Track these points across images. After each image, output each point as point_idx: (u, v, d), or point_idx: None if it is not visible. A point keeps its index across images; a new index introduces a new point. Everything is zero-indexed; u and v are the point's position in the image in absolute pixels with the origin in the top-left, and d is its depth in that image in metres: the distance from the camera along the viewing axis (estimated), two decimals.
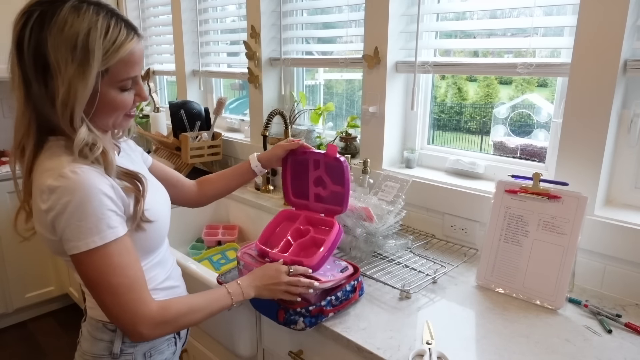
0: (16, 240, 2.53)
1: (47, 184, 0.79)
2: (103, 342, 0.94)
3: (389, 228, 1.36)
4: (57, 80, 0.79)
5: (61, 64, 0.78)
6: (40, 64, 0.79)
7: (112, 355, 0.93)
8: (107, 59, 0.81)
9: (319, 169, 1.23)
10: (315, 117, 2.04)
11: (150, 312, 0.84)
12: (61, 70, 0.78)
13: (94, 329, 0.95)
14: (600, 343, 1.02)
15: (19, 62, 0.80)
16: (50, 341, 2.58)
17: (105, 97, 0.84)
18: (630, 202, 1.28)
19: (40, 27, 0.78)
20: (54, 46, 0.77)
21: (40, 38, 0.78)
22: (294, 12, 2.07)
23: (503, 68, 1.44)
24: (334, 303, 1.09)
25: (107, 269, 0.81)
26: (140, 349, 0.96)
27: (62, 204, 0.78)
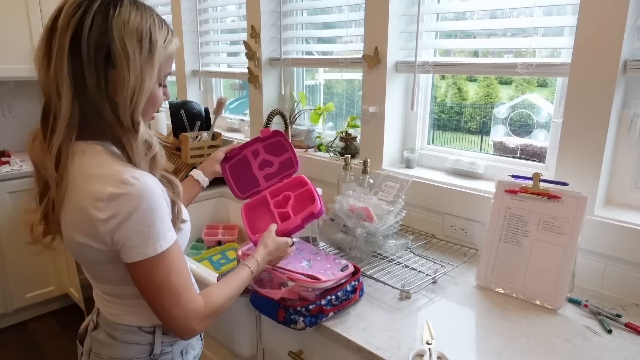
0: (16, 240, 2.55)
1: (108, 192, 0.76)
2: (139, 345, 0.92)
3: (389, 228, 1.36)
4: (122, 70, 0.77)
5: (129, 52, 0.77)
6: (102, 53, 0.76)
7: (153, 356, 0.93)
8: (165, 51, 0.83)
9: (259, 155, 1.30)
10: (315, 117, 2.04)
11: (199, 308, 0.86)
12: (129, 59, 0.77)
13: (125, 334, 0.92)
14: (600, 343, 1.02)
15: (70, 54, 0.76)
16: (50, 341, 2.58)
17: (152, 92, 0.84)
18: (630, 202, 1.28)
19: (104, 16, 0.76)
20: (121, 35, 0.76)
21: (104, 27, 0.76)
22: (294, 12, 2.07)
23: (503, 68, 1.44)
24: (334, 303, 1.09)
25: (169, 272, 0.82)
26: (177, 347, 0.97)
27: (127, 211, 0.76)
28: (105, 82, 0.78)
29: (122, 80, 0.77)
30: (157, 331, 0.93)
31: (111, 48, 0.76)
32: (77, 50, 0.76)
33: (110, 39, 0.76)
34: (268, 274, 1.11)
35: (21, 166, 2.61)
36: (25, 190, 2.56)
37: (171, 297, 0.83)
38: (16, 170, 2.54)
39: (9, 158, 2.74)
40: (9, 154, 2.81)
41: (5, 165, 2.62)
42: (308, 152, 2.01)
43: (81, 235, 0.81)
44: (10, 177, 2.50)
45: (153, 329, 0.93)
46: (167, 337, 0.95)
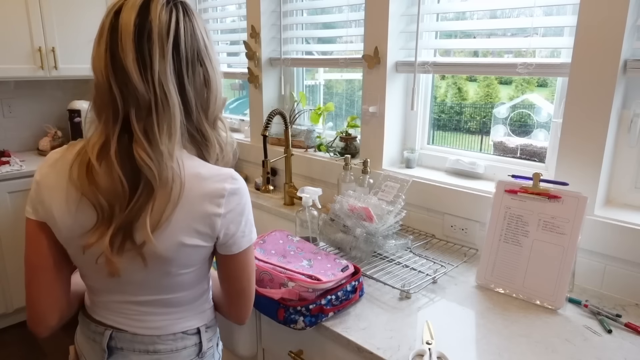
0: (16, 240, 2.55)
1: (228, 188, 0.81)
2: (187, 349, 0.92)
3: (389, 228, 1.36)
4: (208, 70, 0.82)
5: (210, 53, 0.82)
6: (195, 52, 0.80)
7: (201, 354, 0.94)
8: None
9: None
10: (315, 117, 2.04)
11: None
12: (211, 59, 0.83)
13: (171, 342, 0.90)
14: (600, 343, 1.02)
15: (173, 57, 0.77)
16: (50, 341, 2.58)
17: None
18: (630, 202, 1.28)
19: (189, 18, 0.80)
20: (203, 36, 0.81)
21: (191, 26, 0.80)
22: (294, 12, 2.07)
23: (503, 68, 1.44)
24: (334, 302, 1.09)
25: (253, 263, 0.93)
26: (214, 340, 1.00)
27: (242, 204, 0.85)
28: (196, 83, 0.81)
29: (210, 80, 0.83)
30: (201, 330, 0.94)
31: (199, 50, 0.81)
32: (178, 54, 0.78)
33: (198, 39, 0.81)
34: (268, 274, 1.11)
35: (21, 166, 2.61)
36: (25, 190, 2.56)
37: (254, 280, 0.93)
38: (16, 170, 2.54)
39: (9, 158, 2.74)
40: (9, 154, 2.81)
41: (5, 165, 2.62)
42: (308, 152, 2.01)
43: (192, 236, 0.81)
44: (10, 177, 2.50)
45: (197, 330, 0.93)
46: (207, 334, 0.96)
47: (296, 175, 1.98)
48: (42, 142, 2.95)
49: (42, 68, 2.66)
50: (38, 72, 2.67)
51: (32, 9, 2.58)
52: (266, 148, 1.81)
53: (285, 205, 1.93)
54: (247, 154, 2.28)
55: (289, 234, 1.32)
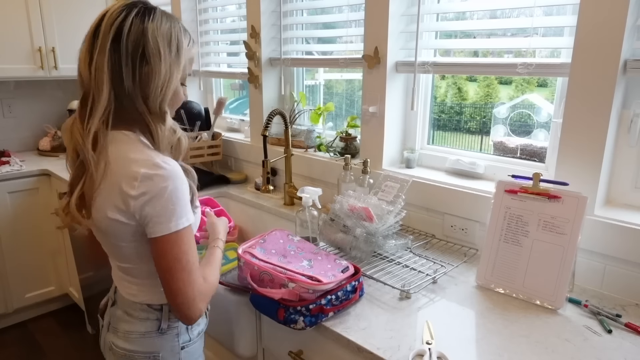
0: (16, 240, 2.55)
1: (142, 172, 0.88)
2: (150, 321, 1.03)
3: (389, 228, 1.36)
4: (154, 66, 0.90)
5: (161, 51, 0.91)
6: (138, 51, 0.89)
7: (160, 330, 1.03)
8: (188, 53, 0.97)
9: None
10: (315, 117, 2.04)
11: (204, 287, 0.96)
12: (161, 57, 0.91)
13: (137, 311, 1.03)
14: (600, 343, 1.02)
15: (111, 51, 0.88)
16: (50, 341, 2.58)
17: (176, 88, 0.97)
18: (630, 202, 1.28)
19: (141, 20, 0.90)
20: (154, 36, 0.90)
21: (140, 29, 0.90)
22: (294, 12, 2.07)
23: (503, 68, 1.44)
24: (334, 302, 1.09)
25: (187, 249, 0.93)
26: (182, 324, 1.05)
27: (159, 189, 0.88)
28: (139, 75, 0.90)
29: (154, 74, 0.91)
30: (164, 308, 1.03)
31: (146, 47, 0.90)
32: (117, 49, 0.89)
33: (146, 40, 0.90)
34: (269, 274, 1.11)
35: (21, 166, 2.61)
36: (25, 190, 2.56)
37: (185, 273, 0.92)
38: (16, 170, 2.54)
39: (9, 158, 2.74)
40: (9, 154, 2.81)
41: (5, 165, 2.62)
42: (308, 152, 2.01)
43: (113, 211, 0.91)
44: (10, 177, 2.50)
45: (161, 307, 1.03)
46: (173, 314, 1.03)
47: (296, 175, 1.98)
48: (42, 142, 2.95)
49: (42, 68, 2.66)
50: (38, 72, 2.67)
51: (32, 9, 2.58)
52: (266, 148, 1.81)
53: (285, 205, 1.93)
54: (247, 154, 2.28)
55: (290, 234, 1.32)
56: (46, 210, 2.64)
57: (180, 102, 1.01)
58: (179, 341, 1.05)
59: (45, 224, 2.66)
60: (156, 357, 1.03)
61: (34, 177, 2.58)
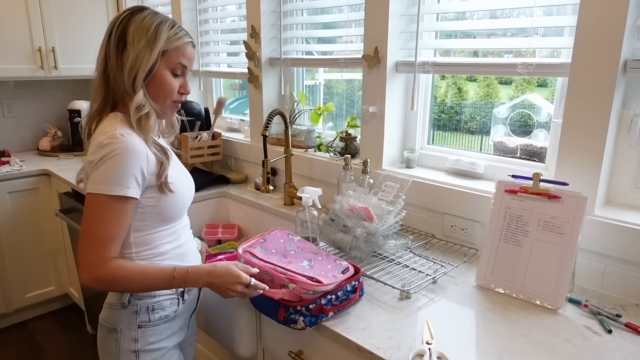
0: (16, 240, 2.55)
1: (99, 141, 0.99)
2: (115, 294, 1.10)
3: (389, 228, 1.36)
4: (129, 51, 1.03)
5: (135, 39, 1.03)
6: (121, 42, 1.04)
7: (122, 304, 1.09)
8: (169, 43, 1.06)
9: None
10: (315, 117, 2.04)
11: (99, 264, 0.99)
12: (134, 44, 1.03)
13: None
14: (600, 343, 1.02)
15: (106, 46, 1.05)
16: (50, 341, 2.58)
17: (160, 74, 1.06)
18: (630, 202, 1.28)
19: (127, 19, 1.05)
20: (134, 29, 1.04)
21: (126, 25, 1.04)
22: (294, 12, 2.07)
23: (503, 68, 1.44)
24: (334, 302, 1.09)
25: (97, 216, 0.99)
26: (144, 302, 1.09)
27: (104, 156, 0.97)
28: (120, 61, 1.04)
29: (128, 57, 1.03)
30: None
31: (126, 38, 1.04)
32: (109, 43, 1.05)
33: (127, 32, 1.04)
34: (269, 275, 1.11)
35: (21, 166, 2.61)
36: (25, 190, 2.56)
37: (85, 237, 0.99)
38: (16, 170, 2.54)
39: (9, 158, 2.74)
40: (9, 154, 2.81)
41: (5, 165, 2.62)
42: (308, 152, 2.01)
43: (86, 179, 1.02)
44: (10, 177, 2.50)
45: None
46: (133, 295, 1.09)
47: (296, 175, 1.98)
48: (42, 142, 2.95)
49: (42, 68, 2.66)
50: (38, 72, 2.67)
51: (32, 9, 2.58)
52: (266, 148, 1.81)
53: (285, 205, 1.93)
54: (247, 154, 2.28)
55: (290, 233, 1.32)
56: (46, 210, 2.64)
57: (168, 92, 1.09)
58: (138, 319, 1.09)
59: (45, 224, 2.66)
60: (116, 329, 1.09)
61: (34, 177, 2.58)
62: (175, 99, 1.12)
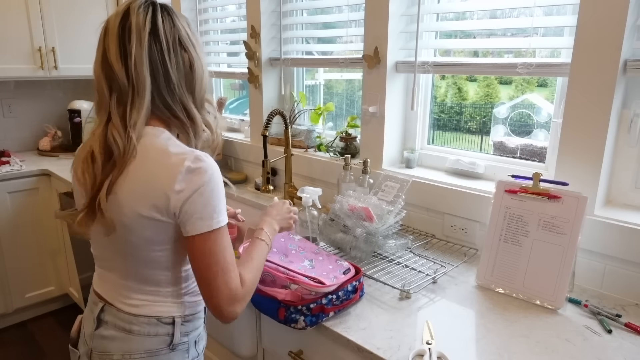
0: (16, 240, 2.55)
1: (185, 166, 0.85)
2: (159, 337, 0.95)
3: (389, 228, 1.36)
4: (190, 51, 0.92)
5: (192, 38, 0.94)
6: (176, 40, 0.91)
7: (172, 346, 0.96)
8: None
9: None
10: (315, 117, 2.04)
11: (239, 289, 0.90)
12: (193, 43, 0.93)
13: (145, 326, 0.95)
14: (600, 343, 1.02)
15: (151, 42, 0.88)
16: (50, 341, 2.58)
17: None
18: (630, 202, 1.28)
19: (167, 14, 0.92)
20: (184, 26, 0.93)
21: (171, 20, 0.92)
22: (294, 12, 2.07)
23: (503, 68, 1.44)
24: (335, 302, 1.09)
25: (225, 247, 0.90)
26: (192, 337, 1.00)
27: (201, 183, 0.86)
28: (182, 64, 0.92)
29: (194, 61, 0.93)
30: (176, 322, 0.96)
31: (181, 37, 0.92)
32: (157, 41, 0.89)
33: (178, 30, 0.92)
34: (270, 275, 1.11)
35: (21, 166, 2.61)
36: (25, 190, 2.56)
37: (224, 272, 0.88)
38: (16, 170, 2.54)
39: (9, 158, 2.74)
40: (9, 154, 2.81)
41: (5, 165, 2.62)
42: (308, 152, 2.01)
43: (147, 207, 0.87)
44: (10, 177, 2.50)
45: (172, 319, 0.96)
46: (184, 328, 0.98)
47: (296, 175, 1.98)
48: (42, 142, 2.95)
49: (42, 68, 2.66)
50: (38, 72, 2.67)
51: (32, 8, 2.58)
52: (266, 148, 1.81)
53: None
54: (247, 154, 2.28)
55: (290, 232, 1.32)
56: (46, 210, 2.64)
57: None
58: (189, 356, 1.00)
59: (45, 224, 2.66)
60: None
61: (34, 177, 2.58)
62: None
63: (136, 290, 0.95)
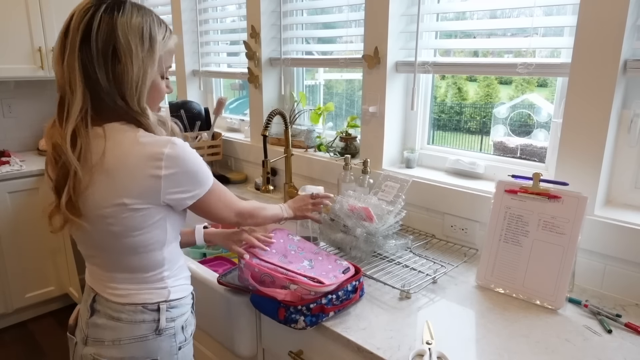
0: (16, 240, 2.55)
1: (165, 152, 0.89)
2: (146, 323, 0.99)
3: (389, 228, 1.36)
4: (126, 64, 0.88)
5: (133, 48, 0.88)
6: (109, 49, 0.87)
7: (158, 331, 1.00)
8: (163, 47, 0.94)
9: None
10: (315, 117, 2.04)
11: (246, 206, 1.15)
12: (132, 54, 0.88)
13: (132, 314, 0.98)
14: (600, 343, 1.02)
15: (81, 50, 0.86)
16: (50, 341, 2.58)
17: (154, 82, 0.95)
18: (630, 202, 1.28)
19: (110, 17, 0.87)
20: (124, 33, 0.87)
21: (110, 26, 0.87)
22: (294, 12, 2.07)
23: (503, 68, 1.44)
24: (335, 302, 1.09)
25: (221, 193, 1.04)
26: (178, 322, 1.03)
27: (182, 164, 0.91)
28: (113, 73, 0.88)
29: (127, 72, 0.88)
30: (161, 308, 1.00)
31: (117, 45, 0.87)
32: (88, 48, 0.86)
33: (116, 37, 0.87)
34: (269, 276, 1.11)
35: (21, 166, 2.61)
36: (25, 190, 2.56)
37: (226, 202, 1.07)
38: (16, 170, 2.54)
39: (9, 158, 2.74)
40: (9, 154, 2.81)
41: (5, 165, 2.62)
42: (308, 152, 2.01)
43: (132, 197, 0.90)
44: (10, 177, 2.50)
45: (157, 306, 1.00)
46: (169, 314, 1.01)
47: (296, 175, 1.98)
48: (42, 142, 2.95)
49: (42, 68, 2.66)
50: (38, 72, 2.67)
51: (32, 9, 2.58)
52: (266, 148, 1.81)
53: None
54: (247, 154, 2.28)
55: (290, 233, 1.32)
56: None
57: (162, 96, 1.01)
58: (176, 341, 1.03)
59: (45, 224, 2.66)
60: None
61: (34, 177, 2.58)
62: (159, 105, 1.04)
63: (120, 281, 0.99)
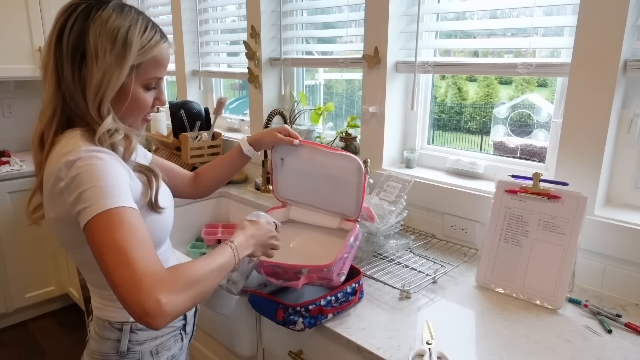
0: (16, 240, 2.55)
1: (65, 160, 0.79)
2: (110, 341, 0.93)
3: (390, 228, 1.36)
4: (92, 68, 0.83)
5: (99, 52, 0.82)
6: (79, 51, 0.83)
7: (120, 353, 0.93)
8: (142, 55, 0.86)
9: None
10: (315, 117, 2.04)
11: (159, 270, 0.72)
12: (98, 58, 0.82)
13: (100, 328, 0.94)
14: (600, 343, 1.02)
15: (55, 50, 0.83)
16: (50, 341, 2.58)
17: (130, 89, 0.87)
18: (630, 202, 1.28)
19: (84, 18, 0.83)
20: (95, 35, 0.82)
21: (82, 27, 0.82)
22: (294, 12, 2.07)
23: (503, 68, 1.44)
24: (334, 304, 1.09)
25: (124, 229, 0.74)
26: (147, 347, 0.95)
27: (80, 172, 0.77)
28: (78, 78, 0.84)
29: (91, 78, 0.83)
30: (124, 328, 0.93)
31: (86, 48, 0.82)
32: (60, 49, 0.83)
33: (86, 39, 0.82)
34: (281, 267, 1.10)
35: (21, 166, 2.61)
36: (25, 190, 2.56)
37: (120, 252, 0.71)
38: (16, 170, 2.54)
39: (9, 158, 2.74)
40: (9, 154, 2.81)
41: (5, 165, 2.62)
42: None
43: (53, 210, 0.85)
44: (10, 177, 2.50)
45: (121, 326, 0.93)
46: (135, 336, 0.94)
47: None
48: None
49: None
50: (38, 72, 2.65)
51: (32, 9, 2.58)
52: None
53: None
54: None
55: None
56: None
57: (142, 109, 0.91)
58: None
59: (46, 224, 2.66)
60: None
61: (34, 177, 2.57)
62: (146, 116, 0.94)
63: (94, 293, 0.97)
